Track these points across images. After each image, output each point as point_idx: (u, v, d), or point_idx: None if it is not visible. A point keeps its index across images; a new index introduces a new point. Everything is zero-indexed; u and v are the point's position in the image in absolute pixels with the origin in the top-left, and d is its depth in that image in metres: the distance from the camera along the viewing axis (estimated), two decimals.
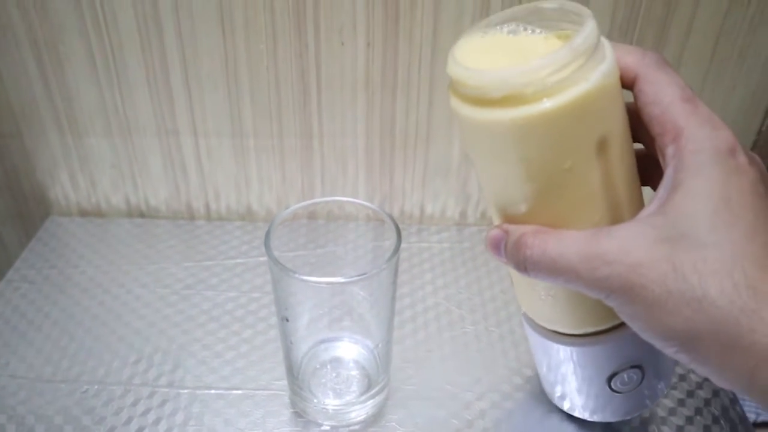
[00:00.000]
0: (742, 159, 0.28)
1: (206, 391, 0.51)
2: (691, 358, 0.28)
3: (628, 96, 0.33)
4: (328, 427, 0.48)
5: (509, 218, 0.35)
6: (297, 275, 0.40)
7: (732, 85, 0.60)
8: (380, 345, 0.48)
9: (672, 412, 0.49)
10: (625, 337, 0.39)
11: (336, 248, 0.60)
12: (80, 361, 0.53)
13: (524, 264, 0.32)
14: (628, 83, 0.32)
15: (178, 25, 0.57)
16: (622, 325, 0.39)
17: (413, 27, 0.57)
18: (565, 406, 0.47)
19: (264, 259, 0.63)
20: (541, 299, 0.39)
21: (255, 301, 0.59)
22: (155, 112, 0.62)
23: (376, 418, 0.49)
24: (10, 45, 0.58)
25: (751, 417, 1.09)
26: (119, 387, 0.51)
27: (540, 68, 0.29)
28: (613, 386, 0.42)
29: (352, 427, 0.48)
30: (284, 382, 0.51)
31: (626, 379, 0.42)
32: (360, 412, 0.48)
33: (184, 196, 0.67)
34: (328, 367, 0.50)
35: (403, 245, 0.48)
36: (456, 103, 0.33)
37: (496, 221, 0.37)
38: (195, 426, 0.48)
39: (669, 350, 0.28)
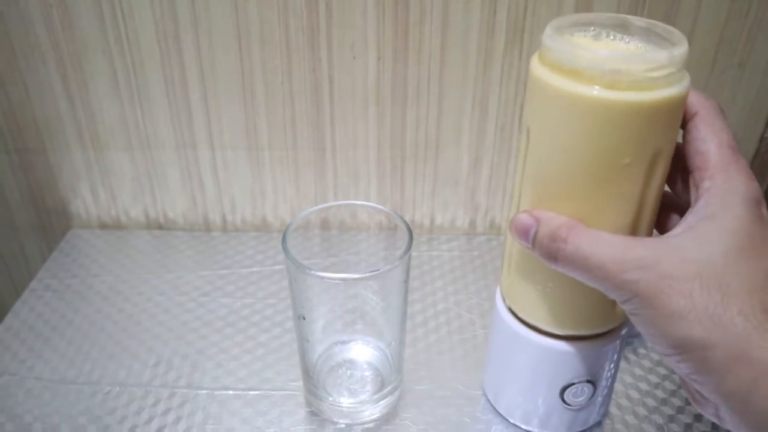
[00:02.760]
0: (765, 211, 0.32)
1: (224, 392, 0.52)
2: (697, 366, 0.30)
3: None
4: (343, 425, 0.49)
5: (544, 202, 0.37)
6: (313, 271, 0.42)
7: (732, 94, 0.62)
8: (392, 345, 0.50)
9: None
10: (596, 348, 0.42)
11: (348, 257, 0.62)
12: (102, 364, 0.55)
13: (555, 255, 0.34)
14: (686, 117, 0.35)
15: (196, 42, 0.59)
16: (597, 336, 0.42)
17: (422, 41, 0.59)
18: (507, 412, 0.49)
19: (278, 267, 0.65)
20: (535, 294, 0.41)
21: (270, 307, 0.60)
22: (174, 127, 0.64)
23: (389, 416, 0.50)
24: (37, 63, 0.61)
25: None
26: (140, 388, 0.53)
27: (649, 62, 0.32)
28: (565, 397, 0.44)
29: (366, 425, 0.49)
30: (299, 383, 0.52)
31: (578, 393, 0.44)
32: (374, 411, 0.50)
33: (201, 209, 0.69)
34: (343, 367, 0.52)
35: (414, 254, 0.50)
36: (544, 73, 0.35)
37: (525, 205, 0.39)
38: (213, 425, 0.50)
39: (675, 357, 0.31)
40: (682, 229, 0.32)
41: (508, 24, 0.58)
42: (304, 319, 0.47)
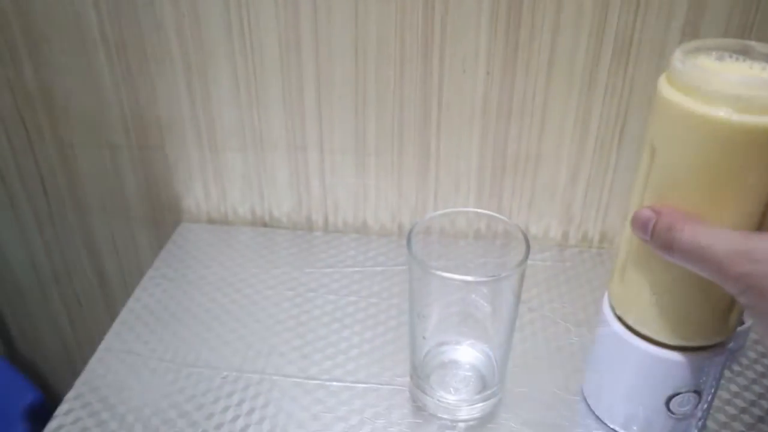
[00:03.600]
0: None
1: (334, 383, 0.55)
2: None
3: None
4: (447, 421, 0.52)
5: None
6: (436, 271, 0.45)
7: None
8: (498, 350, 0.52)
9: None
10: (705, 359, 0.44)
11: (447, 263, 0.65)
12: (219, 350, 0.59)
13: (671, 244, 0.36)
14: None
15: (316, 51, 0.63)
16: (706, 348, 0.44)
17: (530, 58, 0.61)
18: (608, 416, 0.51)
19: (379, 269, 0.68)
20: (650, 303, 0.43)
21: (373, 306, 0.63)
22: (287, 130, 0.68)
23: (491, 416, 0.53)
24: (167, 69, 0.66)
25: None
26: (255, 375, 0.56)
27: None
28: (670, 406, 0.46)
29: (469, 422, 0.52)
30: (405, 379, 0.55)
31: (684, 402, 0.46)
32: (475, 410, 0.52)
33: (305, 209, 0.73)
34: (449, 366, 0.55)
35: (503, 260, 0.53)
36: (674, 95, 0.37)
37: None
38: (323, 411, 0.53)
39: None
40: None
41: (615, 44, 0.60)
42: (422, 317, 0.50)
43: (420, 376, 0.53)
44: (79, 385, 0.55)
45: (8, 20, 0.65)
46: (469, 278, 0.46)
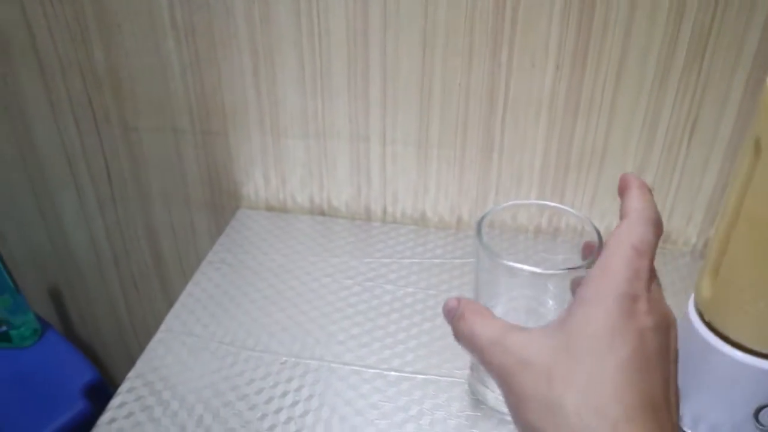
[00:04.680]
0: (642, 307, 0.31)
1: (392, 373, 0.55)
2: None
3: None
4: (507, 415, 0.51)
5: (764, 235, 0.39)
6: (505, 261, 0.44)
7: None
8: None
9: None
10: None
11: (514, 256, 0.64)
12: (278, 336, 0.59)
13: (456, 333, 0.36)
14: (621, 215, 0.35)
15: (383, 40, 0.63)
16: None
17: (602, 52, 0.60)
18: (691, 424, 0.49)
19: (437, 261, 0.68)
20: (745, 310, 0.42)
21: (432, 298, 0.63)
22: (350, 119, 0.68)
23: None
24: (233, 53, 0.66)
25: None
26: (314, 361, 0.56)
27: None
28: (759, 417, 0.44)
29: None
30: (464, 372, 0.55)
31: None
32: None
33: (365, 199, 0.73)
34: None
35: (563, 257, 0.52)
36: None
37: (746, 215, 0.40)
38: (382, 400, 0.53)
39: None
40: (557, 318, 0.32)
41: (690, 43, 0.59)
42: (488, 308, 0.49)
43: (481, 369, 0.52)
44: (141, 365, 0.56)
45: (82, 4, 0.66)
46: (537, 270, 0.45)
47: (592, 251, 0.43)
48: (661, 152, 0.65)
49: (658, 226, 0.34)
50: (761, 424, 0.45)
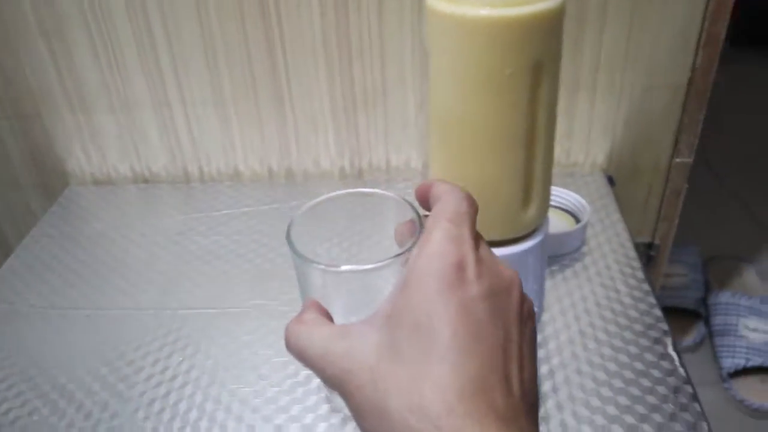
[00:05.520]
0: (470, 273, 0.30)
1: (210, 310, 0.60)
2: None
3: None
4: None
5: (447, 116, 0.43)
6: (321, 266, 0.36)
7: (659, 26, 0.66)
8: None
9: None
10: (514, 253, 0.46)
11: None
12: (87, 294, 0.63)
13: (287, 346, 0.34)
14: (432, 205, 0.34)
15: (162, 13, 0.67)
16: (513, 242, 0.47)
17: None
18: None
19: (246, 209, 0.73)
20: None
21: (235, 243, 0.68)
22: (149, 88, 0.72)
23: None
24: (26, 36, 0.69)
25: (742, 363, 1.14)
26: (118, 311, 0.61)
27: None
28: None
29: None
30: (257, 302, 0.60)
31: None
32: None
33: (180, 162, 0.77)
34: None
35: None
36: (439, 3, 0.40)
37: (435, 125, 0.44)
38: (185, 341, 0.57)
39: None
40: (382, 308, 0.31)
41: None
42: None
43: None
44: None
45: None
46: (360, 267, 0.36)
47: (413, 232, 0.38)
48: None
49: (469, 199, 0.34)
50: None
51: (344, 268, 0.36)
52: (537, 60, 0.40)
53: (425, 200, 0.36)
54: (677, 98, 0.71)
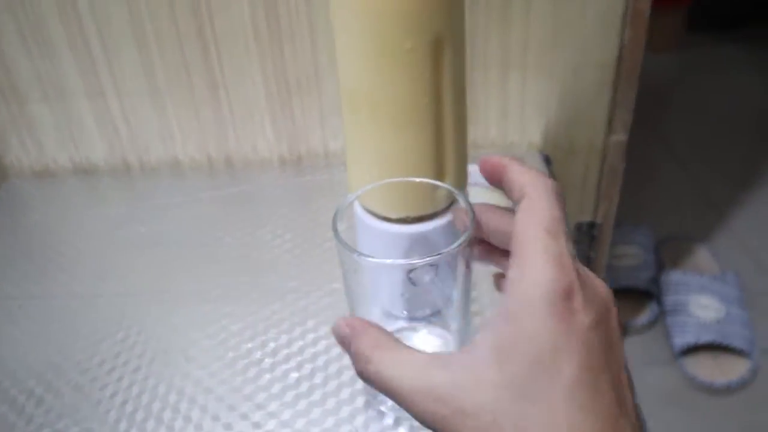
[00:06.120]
0: (577, 301, 0.28)
1: (135, 297, 0.60)
2: None
3: None
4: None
5: (353, 96, 0.43)
6: (372, 258, 0.37)
7: (584, 4, 0.67)
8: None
9: None
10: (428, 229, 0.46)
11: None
12: (18, 283, 0.63)
13: (362, 374, 0.31)
14: (515, 200, 0.33)
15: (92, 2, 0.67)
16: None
17: None
18: None
19: (187, 198, 0.73)
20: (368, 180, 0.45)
21: (169, 232, 0.68)
22: (81, 76, 0.72)
23: None
24: None
25: (692, 340, 1.15)
26: (50, 300, 0.61)
27: None
28: (412, 278, 0.44)
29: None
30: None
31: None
32: None
33: (119, 153, 0.77)
34: None
35: (309, 179, 0.55)
36: None
37: (345, 104, 0.45)
38: (127, 326, 0.58)
39: None
40: (484, 337, 0.29)
41: None
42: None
43: None
44: None
45: None
46: (413, 261, 0.38)
47: (465, 225, 0.38)
48: None
49: (559, 195, 0.31)
50: (413, 283, 0.45)
51: (396, 261, 0.36)
52: (437, 34, 0.41)
53: (495, 179, 0.34)
54: (607, 76, 0.71)
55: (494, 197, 0.67)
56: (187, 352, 0.54)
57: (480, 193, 0.58)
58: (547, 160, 0.76)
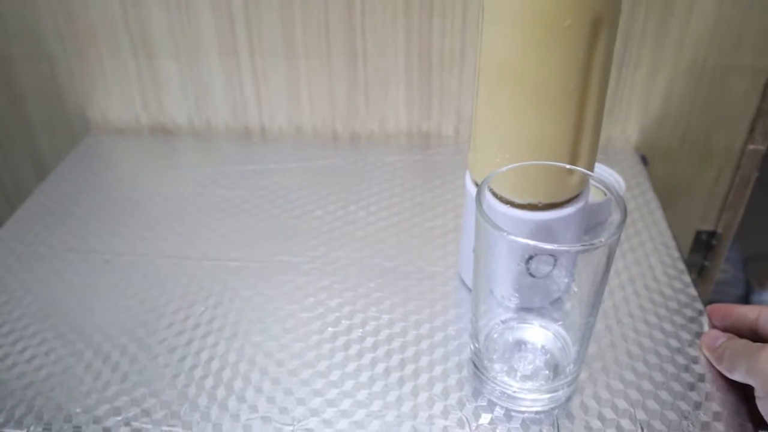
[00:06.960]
0: None
1: (221, 262, 0.58)
2: None
3: None
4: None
5: (499, 73, 0.41)
6: (520, 239, 0.38)
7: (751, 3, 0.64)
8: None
9: None
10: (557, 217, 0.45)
11: None
12: (104, 238, 0.61)
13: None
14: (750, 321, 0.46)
15: None
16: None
17: None
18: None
19: (274, 166, 0.71)
20: (495, 165, 0.44)
21: (259, 198, 0.66)
22: (218, 35, 0.69)
23: None
24: None
25: None
26: (137, 257, 0.59)
27: None
28: (530, 268, 0.43)
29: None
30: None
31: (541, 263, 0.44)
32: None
33: (242, 115, 0.75)
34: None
35: (428, 159, 0.52)
36: None
37: (484, 79, 0.43)
38: (209, 292, 0.55)
39: None
40: None
41: None
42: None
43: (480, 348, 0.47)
44: None
45: None
46: (564, 247, 0.39)
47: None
48: None
49: None
50: (532, 274, 0.44)
51: (548, 246, 0.37)
52: (597, 13, 0.38)
53: (723, 322, 0.48)
54: (758, 83, 0.69)
55: (611, 173, 0.64)
56: (285, 324, 0.51)
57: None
58: (644, 161, 0.73)
